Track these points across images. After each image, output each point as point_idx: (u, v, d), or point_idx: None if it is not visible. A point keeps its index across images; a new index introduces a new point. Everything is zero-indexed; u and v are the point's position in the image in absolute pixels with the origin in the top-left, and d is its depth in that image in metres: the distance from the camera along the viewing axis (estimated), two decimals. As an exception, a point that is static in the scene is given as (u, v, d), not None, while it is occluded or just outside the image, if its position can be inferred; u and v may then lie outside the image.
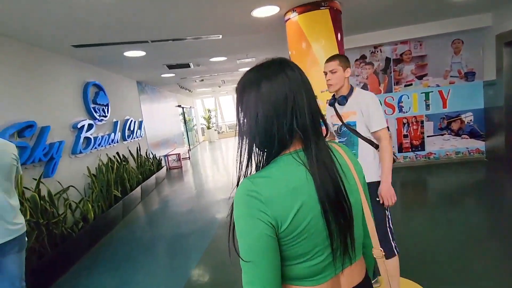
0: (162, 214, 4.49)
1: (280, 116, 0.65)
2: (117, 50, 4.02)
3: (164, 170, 7.12)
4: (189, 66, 5.83)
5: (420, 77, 5.10)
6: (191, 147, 12.04)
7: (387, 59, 5.12)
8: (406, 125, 5.24)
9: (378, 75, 5.18)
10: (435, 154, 5.25)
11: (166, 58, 4.95)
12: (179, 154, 8.58)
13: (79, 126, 3.96)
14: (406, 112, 5.19)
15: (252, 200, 0.62)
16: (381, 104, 1.95)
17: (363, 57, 5.15)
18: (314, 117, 0.69)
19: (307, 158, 0.66)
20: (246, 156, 0.69)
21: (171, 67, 5.69)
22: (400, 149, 5.31)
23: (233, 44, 4.51)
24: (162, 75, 6.56)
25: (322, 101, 2.95)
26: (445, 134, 5.14)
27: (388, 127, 1.71)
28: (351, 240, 0.68)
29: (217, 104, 17.04)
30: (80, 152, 3.95)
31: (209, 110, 15.63)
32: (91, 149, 4.29)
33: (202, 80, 8.21)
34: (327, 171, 0.66)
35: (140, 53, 4.31)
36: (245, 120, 0.68)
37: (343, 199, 0.66)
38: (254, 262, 0.61)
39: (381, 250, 0.77)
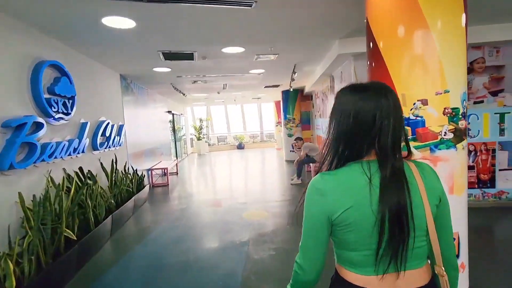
0: (140, 268, 2.95)
1: (364, 135, 0.80)
2: (90, 11, 2.60)
3: (146, 189, 5.55)
4: (192, 58, 4.45)
5: (494, 93, 3.96)
6: (179, 160, 10.46)
7: (453, 67, 3.98)
8: (472, 153, 4.04)
9: (440, 87, 4.01)
10: (508, 193, 4.05)
11: (164, 39, 3.56)
12: (166, 169, 7.03)
13: (15, 124, 2.46)
14: (473, 136, 4.01)
15: (315, 190, 0.82)
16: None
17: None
18: (396, 140, 0.80)
19: (380, 170, 0.79)
20: (330, 155, 0.85)
21: (168, 56, 4.29)
22: (464, 184, 4.09)
23: (264, 23, 3.19)
24: (155, 69, 5.13)
25: (436, 107, 1.90)
26: (523, 168, 3.99)
27: None
28: (403, 249, 0.77)
29: (209, 113, 15.64)
30: (12, 167, 2.42)
31: (201, 120, 14.17)
32: (36, 162, 2.76)
33: (195, 82, 6.77)
34: (393, 186, 0.77)
35: (128, 23, 2.90)
36: (337, 127, 0.84)
37: (402, 212, 0.76)
38: (305, 234, 0.85)
39: (442, 269, 0.83)
